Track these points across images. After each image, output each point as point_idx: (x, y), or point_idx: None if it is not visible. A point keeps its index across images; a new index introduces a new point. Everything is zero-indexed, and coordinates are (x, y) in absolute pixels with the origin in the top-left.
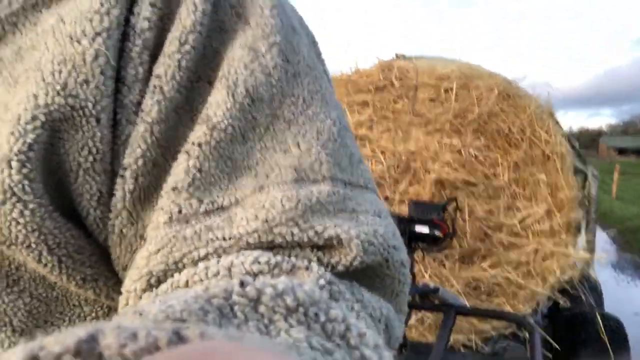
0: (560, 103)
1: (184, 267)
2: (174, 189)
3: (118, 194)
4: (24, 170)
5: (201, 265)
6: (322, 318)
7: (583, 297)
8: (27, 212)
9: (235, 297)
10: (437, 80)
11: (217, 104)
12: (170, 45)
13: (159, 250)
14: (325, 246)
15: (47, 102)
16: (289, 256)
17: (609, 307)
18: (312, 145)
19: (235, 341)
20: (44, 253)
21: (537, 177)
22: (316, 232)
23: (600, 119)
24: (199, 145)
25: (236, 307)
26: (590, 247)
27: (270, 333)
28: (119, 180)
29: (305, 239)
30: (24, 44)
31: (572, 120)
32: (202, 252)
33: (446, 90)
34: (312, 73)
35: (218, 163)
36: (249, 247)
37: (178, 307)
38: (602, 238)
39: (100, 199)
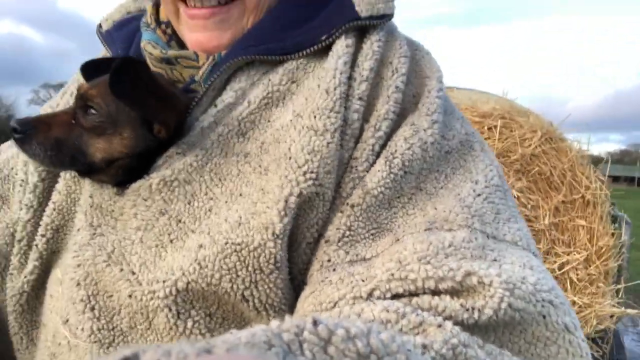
0: (567, 125)
1: (325, 308)
2: (327, 241)
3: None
4: (284, 244)
5: (335, 310)
6: None
7: (613, 350)
8: (283, 278)
9: (306, 334)
10: (481, 118)
11: (375, 171)
12: (367, 132)
13: (311, 293)
14: (464, 290)
15: (303, 188)
16: (426, 309)
17: None
18: (449, 205)
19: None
20: (276, 308)
21: (577, 223)
22: (450, 269)
23: (607, 145)
24: (352, 206)
25: (305, 345)
26: (621, 299)
27: None
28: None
29: (440, 274)
30: (266, 139)
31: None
32: (342, 292)
33: (489, 128)
34: (462, 149)
35: (365, 224)
36: (382, 284)
37: (244, 339)
38: None
39: (307, 267)
